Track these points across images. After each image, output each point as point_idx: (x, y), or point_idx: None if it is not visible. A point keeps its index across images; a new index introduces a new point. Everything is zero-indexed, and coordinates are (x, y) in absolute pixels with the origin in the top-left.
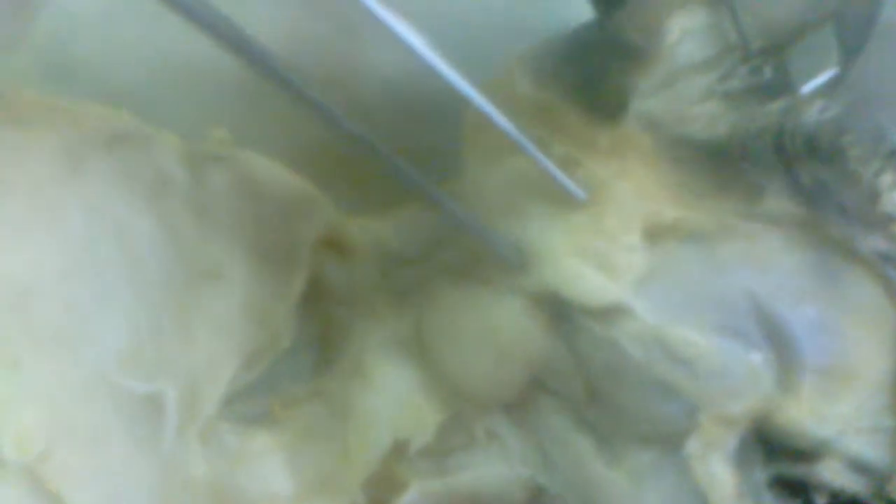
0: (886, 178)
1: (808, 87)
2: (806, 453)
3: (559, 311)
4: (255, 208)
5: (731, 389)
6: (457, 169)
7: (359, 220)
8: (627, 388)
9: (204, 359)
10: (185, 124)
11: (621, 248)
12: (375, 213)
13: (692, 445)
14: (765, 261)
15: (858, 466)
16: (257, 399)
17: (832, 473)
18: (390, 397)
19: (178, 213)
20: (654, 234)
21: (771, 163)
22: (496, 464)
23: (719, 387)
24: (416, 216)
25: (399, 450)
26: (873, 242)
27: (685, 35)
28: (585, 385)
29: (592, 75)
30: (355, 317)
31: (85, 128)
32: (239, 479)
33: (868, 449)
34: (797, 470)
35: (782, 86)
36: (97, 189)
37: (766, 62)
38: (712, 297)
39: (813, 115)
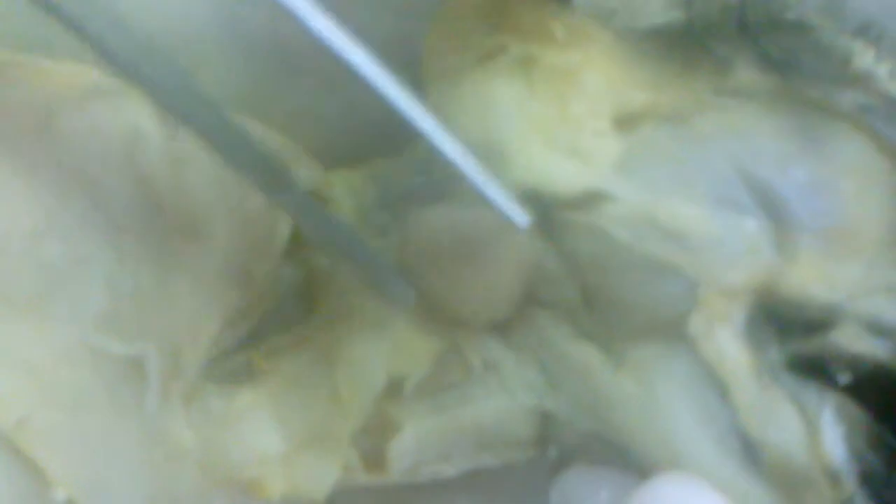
0: (858, 43)
1: None
2: (819, 323)
3: (539, 211)
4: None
5: (728, 259)
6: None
7: (337, 171)
8: (621, 277)
9: (186, 319)
10: None
11: (592, 134)
12: (352, 165)
13: (696, 324)
14: (745, 131)
15: (876, 328)
16: (239, 354)
17: (850, 339)
18: (379, 337)
19: (154, 169)
20: (626, 121)
21: (736, 39)
22: (497, 395)
23: (716, 258)
24: (391, 165)
25: (393, 390)
26: (852, 97)
27: None
28: (579, 288)
29: None
30: (337, 262)
31: (56, 84)
32: (226, 443)
33: (884, 308)
34: (813, 344)
35: None
36: (70, 146)
37: None
38: (697, 171)
39: None
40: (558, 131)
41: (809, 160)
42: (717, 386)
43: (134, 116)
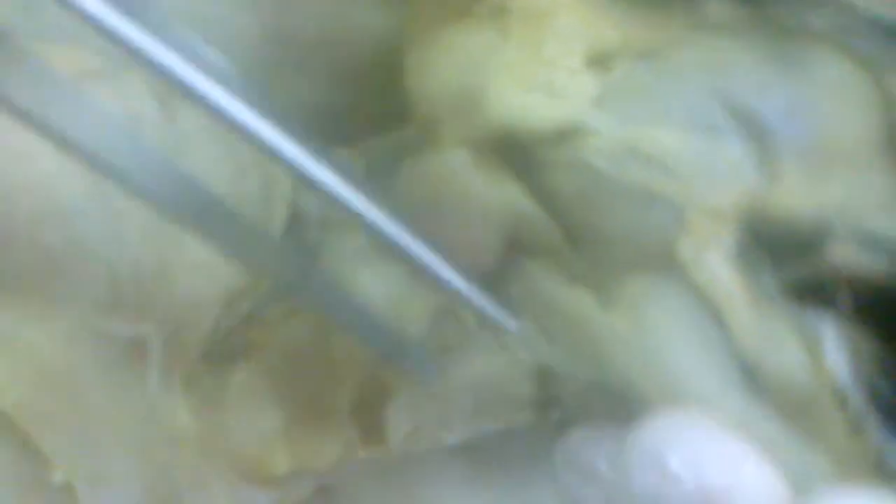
0: None
1: None
2: (810, 241)
3: (518, 154)
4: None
5: (712, 182)
6: None
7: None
8: (605, 211)
9: (186, 302)
10: None
11: (567, 74)
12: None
13: (685, 249)
14: (722, 61)
15: (871, 241)
16: (235, 331)
17: (845, 255)
18: (373, 301)
19: (152, 151)
20: (601, 59)
21: None
22: (494, 354)
23: (699, 182)
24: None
25: None
26: (826, 17)
27: None
28: (563, 229)
29: None
30: (328, 234)
31: (56, 65)
32: (225, 425)
33: (876, 222)
34: (808, 265)
35: None
36: (69, 128)
37: None
38: (675, 101)
39: None
40: (534, 73)
41: (788, 83)
42: (712, 314)
43: (134, 99)
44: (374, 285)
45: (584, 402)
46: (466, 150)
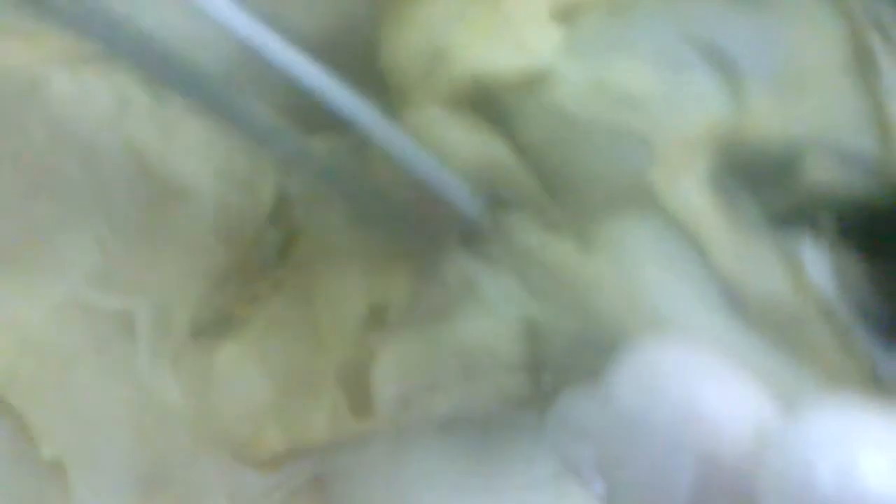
0: None
1: None
2: (788, 164)
3: (490, 105)
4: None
5: (683, 116)
6: None
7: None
8: (578, 152)
9: (174, 278)
10: None
11: (531, 28)
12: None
13: (657, 178)
14: (686, 5)
15: (845, 159)
16: (222, 309)
17: (821, 174)
18: (357, 267)
19: (142, 134)
20: (566, 12)
21: None
22: (479, 315)
23: (670, 116)
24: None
25: (375, 321)
26: None
27: None
28: (537, 175)
29: None
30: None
31: (47, 50)
32: (215, 402)
33: (849, 138)
34: (786, 188)
35: None
36: (60, 109)
37: None
38: (640, 41)
39: None
40: (499, 29)
41: (753, 16)
42: (692, 244)
43: (122, 81)
44: (353, 253)
45: (574, 362)
46: (439, 107)
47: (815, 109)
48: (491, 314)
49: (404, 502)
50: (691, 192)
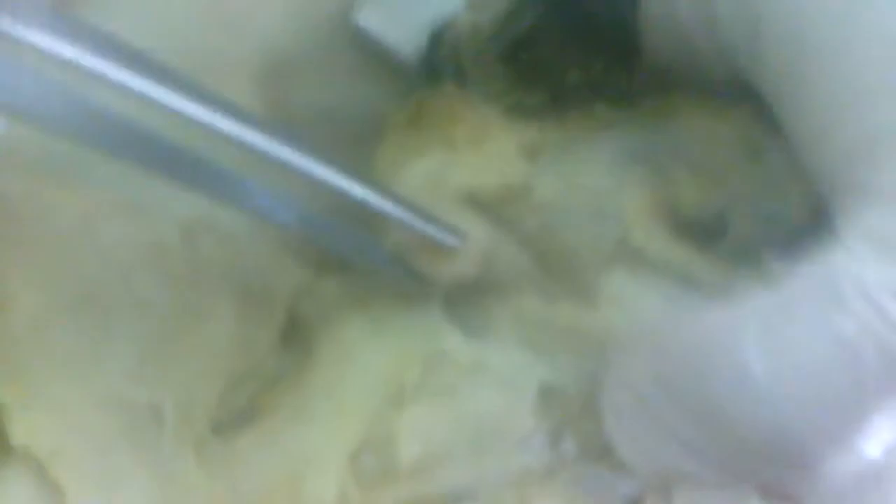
0: None
1: None
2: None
3: (483, 209)
4: (239, 265)
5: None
6: None
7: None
8: (565, 230)
9: (196, 378)
10: None
11: (506, 160)
12: None
13: (636, 236)
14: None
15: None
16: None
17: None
18: (374, 347)
19: (175, 267)
20: (530, 150)
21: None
22: (490, 391)
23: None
24: None
25: (393, 399)
26: None
27: None
28: (533, 257)
29: None
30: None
31: (100, 198)
32: (233, 482)
33: None
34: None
35: None
36: (108, 244)
37: None
38: (594, 158)
39: None
40: (481, 163)
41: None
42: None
43: (159, 229)
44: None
45: (595, 426)
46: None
47: None
48: (503, 392)
49: None
50: (666, 242)
